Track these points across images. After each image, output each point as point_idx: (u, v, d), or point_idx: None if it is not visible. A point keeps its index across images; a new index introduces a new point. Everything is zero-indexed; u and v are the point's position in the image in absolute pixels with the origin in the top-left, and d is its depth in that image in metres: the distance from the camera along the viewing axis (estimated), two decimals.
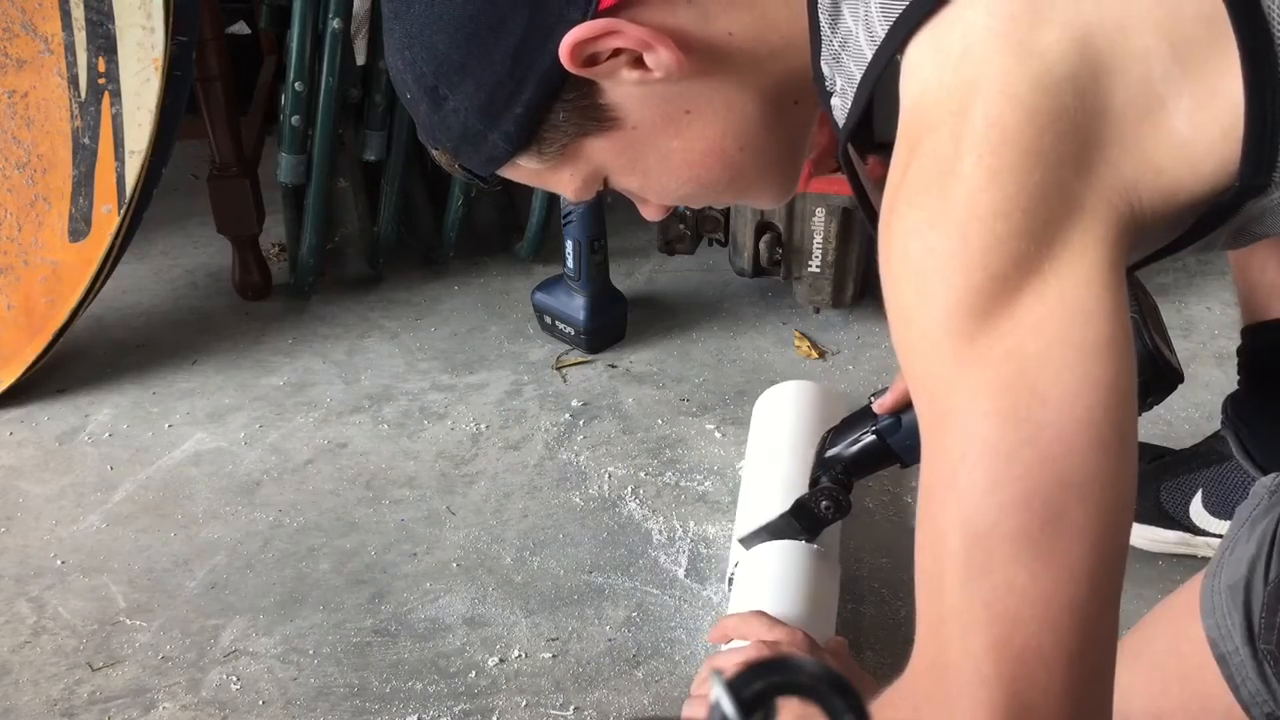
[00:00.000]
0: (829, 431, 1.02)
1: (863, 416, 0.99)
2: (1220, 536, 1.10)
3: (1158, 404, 0.86)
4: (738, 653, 0.93)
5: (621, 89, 0.69)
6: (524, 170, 0.75)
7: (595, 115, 0.70)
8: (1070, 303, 0.51)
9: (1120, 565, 0.53)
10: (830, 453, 0.99)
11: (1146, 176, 0.54)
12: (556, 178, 0.75)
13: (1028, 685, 0.49)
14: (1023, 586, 0.49)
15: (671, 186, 0.75)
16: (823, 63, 0.67)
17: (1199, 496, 1.10)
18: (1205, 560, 1.11)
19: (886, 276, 0.57)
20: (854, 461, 0.98)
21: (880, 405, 0.99)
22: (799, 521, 1.01)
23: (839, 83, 0.66)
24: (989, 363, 0.51)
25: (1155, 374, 0.83)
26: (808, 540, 1.02)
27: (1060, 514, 0.49)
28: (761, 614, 0.95)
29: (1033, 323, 0.51)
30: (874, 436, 0.96)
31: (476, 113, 0.71)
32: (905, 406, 0.97)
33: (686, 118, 0.71)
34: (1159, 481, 1.13)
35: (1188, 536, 1.13)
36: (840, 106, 0.67)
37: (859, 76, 0.63)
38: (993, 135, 0.52)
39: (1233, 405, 1.11)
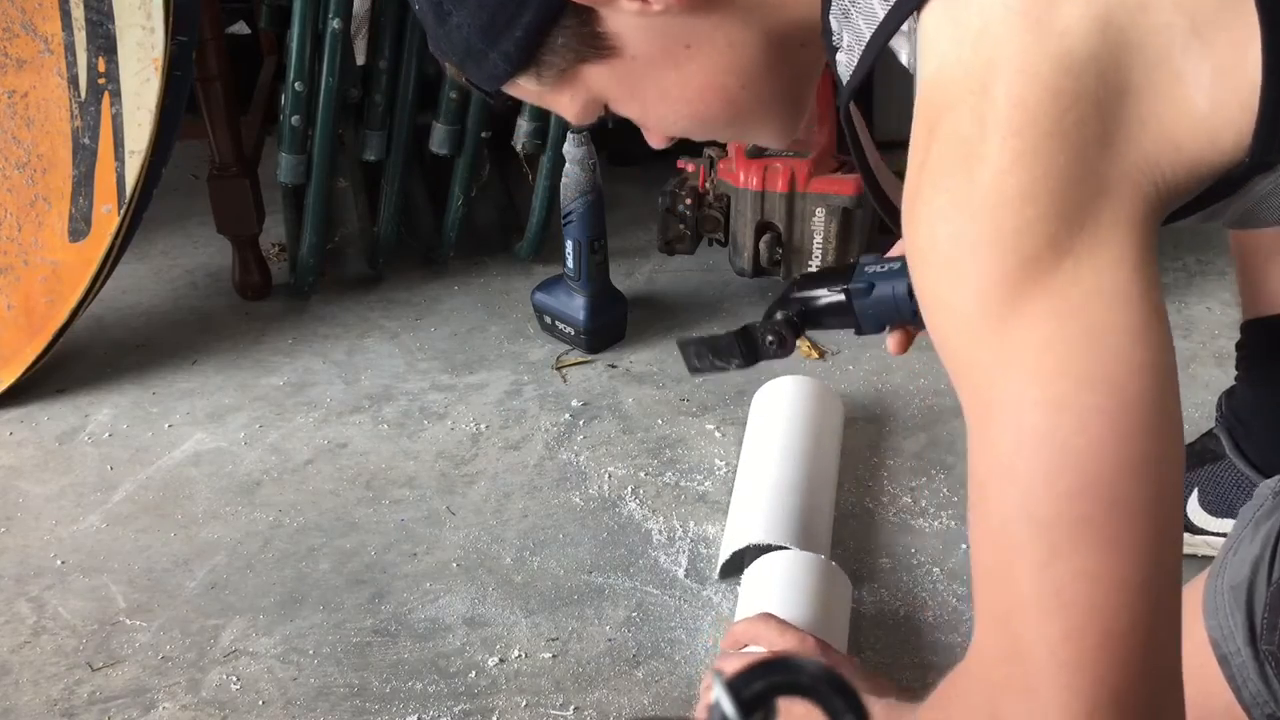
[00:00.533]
0: (804, 275, 1.00)
1: (840, 273, 0.96)
2: (1218, 535, 1.10)
3: None
4: (747, 656, 0.93)
5: (620, 18, 0.69)
6: (525, 90, 0.76)
7: (593, 43, 0.71)
8: (1106, 286, 0.51)
9: (1179, 538, 0.53)
10: (797, 294, 0.97)
11: (1168, 153, 0.53)
12: (556, 100, 0.76)
13: (1109, 668, 0.49)
14: (1094, 571, 0.49)
15: (670, 118, 0.76)
16: (831, 17, 0.66)
17: (1195, 495, 1.10)
18: (1203, 559, 1.11)
19: (915, 262, 0.56)
20: (814, 312, 0.95)
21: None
22: (740, 345, 0.99)
23: (846, 39, 0.66)
24: (1029, 350, 0.51)
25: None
26: (740, 366, 1.01)
27: (1121, 497, 0.50)
28: (770, 617, 0.95)
29: (1069, 307, 0.51)
30: (841, 296, 0.93)
31: (478, 31, 0.72)
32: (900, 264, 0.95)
33: (686, 52, 0.71)
34: None
35: (1185, 535, 1.12)
36: (845, 63, 0.66)
37: (867, 35, 0.62)
38: (1016, 116, 0.52)
39: (1228, 401, 1.11)
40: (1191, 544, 1.12)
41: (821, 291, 0.94)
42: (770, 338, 0.97)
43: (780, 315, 0.96)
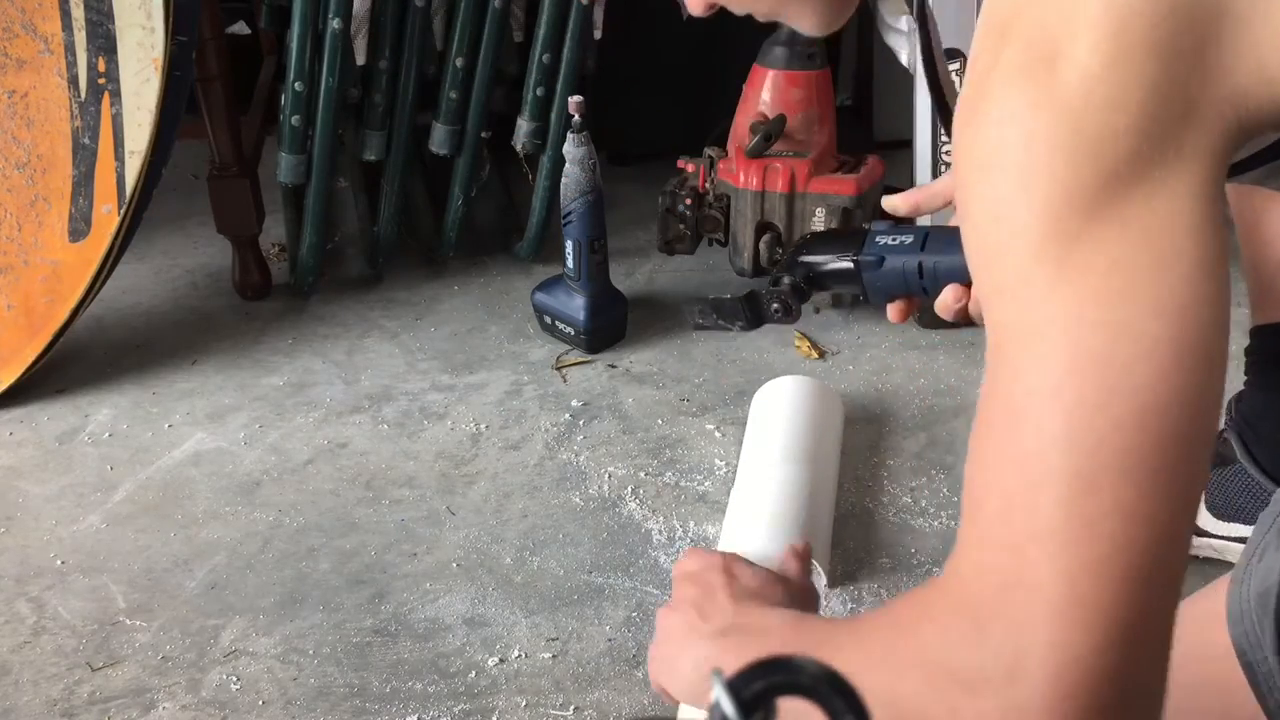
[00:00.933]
0: (813, 235, 0.98)
1: (850, 238, 0.94)
2: (1221, 538, 1.10)
3: None
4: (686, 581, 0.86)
5: None
6: None
7: None
8: (1181, 215, 0.48)
9: (1203, 486, 0.51)
10: (804, 258, 0.95)
11: (1260, 87, 0.50)
12: None
13: (1127, 607, 0.47)
14: (1130, 506, 0.47)
15: None
16: None
17: (1202, 499, 1.10)
18: (1206, 561, 1.11)
19: (970, 169, 0.52)
20: (821, 277, 0.94)
21: (891, 203, 0.93)
22: (745, 309, 0.99)
23: None
24: (1095, 270, 0.48)
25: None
26: (743, 329, 1.00)
27: (1171, 432, 0.47)
28: (694, 550, 0.90)
29: (1143, 230, 0.48)
30: (851, 264, 0.92)
31: None
32: (906, 225, 0.93)
33: None
34: None
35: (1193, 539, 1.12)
36: None
37: None
38: (1110, 18, 0.48)
39: (1238, 405, 1.11)
40: (1196, 547, 1.12)
41: (829, 258, 0.92)
42: (776, 306, 0.96)
43: (787, 281, 0.95)
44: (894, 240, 0.89)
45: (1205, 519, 1.10)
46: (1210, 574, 1.08)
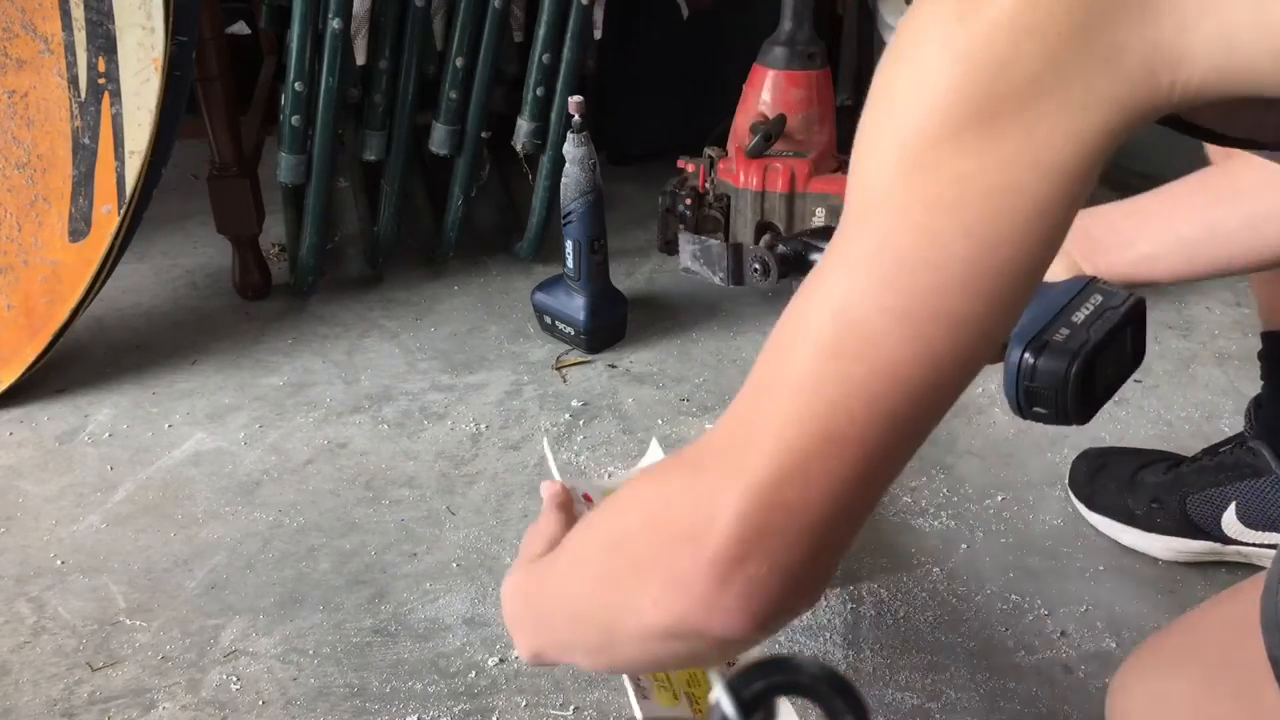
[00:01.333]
0: (826, 227, 1.01)
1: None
2: (1253, 545, 1.10)
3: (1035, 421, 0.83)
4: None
5: None
6: None
7: None
8: (1050, 152, 0.48)
9: (944, 408, 0.52)
10: (805, 237, 0.97)
11: (1215, 56, 0.48)
12: None
13: (816, 466, 0.50)
14: (859, 382, 0.50)
15: None
16: None
17: (1232, 509, 1.09)
18: (1234, 566, 1.11)
19: (886, 56, 0.53)
20: (807, 263, 0.97)
21: None
22: (730, 260, 1.00)
23: None
24: (939, 178, 0.49)
25: (1055, 395, 0.76)
26: (724, 282, 1.01)
27: (928, 338, 0.49)
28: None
29: (1003, 156, 0.48)
30: None
31: None
32: None
33: None
34: (1183, 493, 1.12)
35: (1217, 546, 1.12)
36: None
37: None
38: None
39: (1258, 412, 1.10)
40: (1223, 554, 1.12)
41: (824, 244, 0.95)
42: (758, 265, 0.98)
43: (780, 248, 0.97)
44: None
45: (1235, 528, 1.10)
46: (1233, 580, 1.09)
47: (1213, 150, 0.93)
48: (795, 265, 0.97)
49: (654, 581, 0.52)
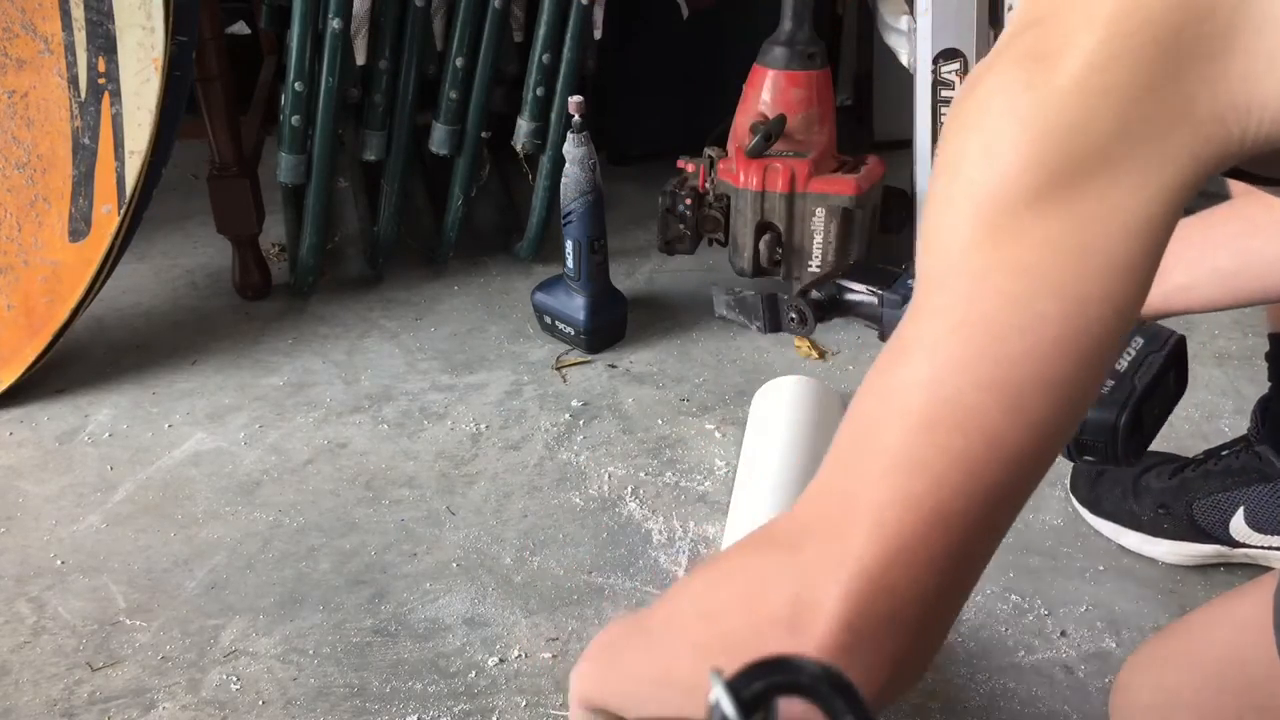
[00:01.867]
0: (856, 264, 1.02)
1: (885, 276, 0.98)
2: (1260, 548, 1.10)
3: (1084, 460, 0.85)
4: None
5: None
6: None
7: None
8: (1128, 213, 0.49)
9: (1040, 475, 0.52)
10: (840, 280, 0.98)
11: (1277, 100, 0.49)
12: None
13: (924, 545, 0.49)
14: (958, 455, 0.49)
15: None
16: None
17: (1241, 513, 1.09)
18: (1234, 567, 1.11)
19: (951, 128, 0.53)
20: (845, 304, 0.97)
21: None
22: (765, 311, 1.02)
23: None
24: (1023, 243, 0.49)
25: (1106, 446, 0.79)
26: (761, 330, 1.03)
27: (1025, 405, 0.49)
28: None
29: (1082, 218, 0.48)
30: (875, 299, 0.96)
31: None
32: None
33: None
34: (1189, 498, 1.12)
35: (1224, 550, 1.12)
36: None
37: None
38: (1124, 15, 0.48)
39: (1264, 413, 1.10)
40: (1230, 556, 1.12)
41: (861, 287, 0.96)
42: (794, 315, 0.99)
43: (814, 294, 0.98)
44: None
45: (1244, 532, 1.10)
46: (1245, 580, 1.08)
47: (1235, 184, 0.94)
48: (832, 310, 0.98)
49: None
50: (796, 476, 1.19)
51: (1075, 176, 0.49)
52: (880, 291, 0.94)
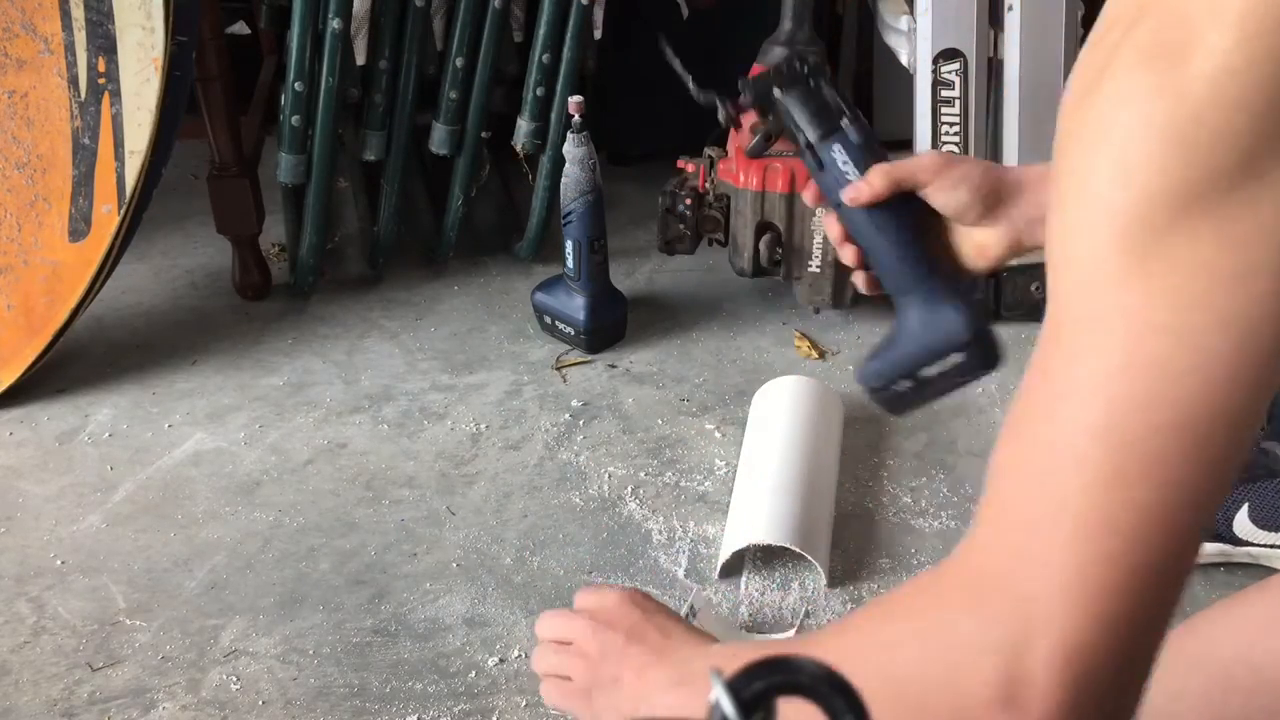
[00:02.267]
0: (813, 87, 0.99)
1: (830, 115, 0.97)
2: (1262, 546, 1.10)
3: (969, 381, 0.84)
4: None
5: None
6: None
7: None
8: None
9: (1222, 500, 0.51)
10: (783, 95, 0.98)
11: None
12: None
13: (1131, 601, 0.48)
14: (1151, 508, 0.47)
15: None
16: None
17: (1245, 510, 1.09)
18: (1234, 567, 1.11)
19: (1073, 142, 0.50)
20: (787, 118, 0.97)
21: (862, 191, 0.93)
22: (793, 69, 1.00)
23: None
24: (1177, 270, 0.46)
25: (983, 351, 0.83)
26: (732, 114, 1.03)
27: (1206, 445, 0.47)
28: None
29: (1235, 238, 0.46)
30: (806, 144, 0.97)
31: None
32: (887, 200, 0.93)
33: None
34: None
35: (1227, 548, 1.11)
36: None
37: None
38: (1259, 14, 0.45)
39: (1271, 410, 1.10)
40: (1232, 555, 1.12)
41: (803, 118, 0.97)
42: (799, 64, 0.98)
43: (801, 66, 0.97)
44: (845, 161, 0.93)
45: (1248, 529, 1.09)
46: (1246, 580, 1.08)
47: None
48: (767, 110, 0.98)
49: None
50: (796, 476, 1.19)
51: (1222, 189, 0.46)
52: (812, 140, 0.95)
